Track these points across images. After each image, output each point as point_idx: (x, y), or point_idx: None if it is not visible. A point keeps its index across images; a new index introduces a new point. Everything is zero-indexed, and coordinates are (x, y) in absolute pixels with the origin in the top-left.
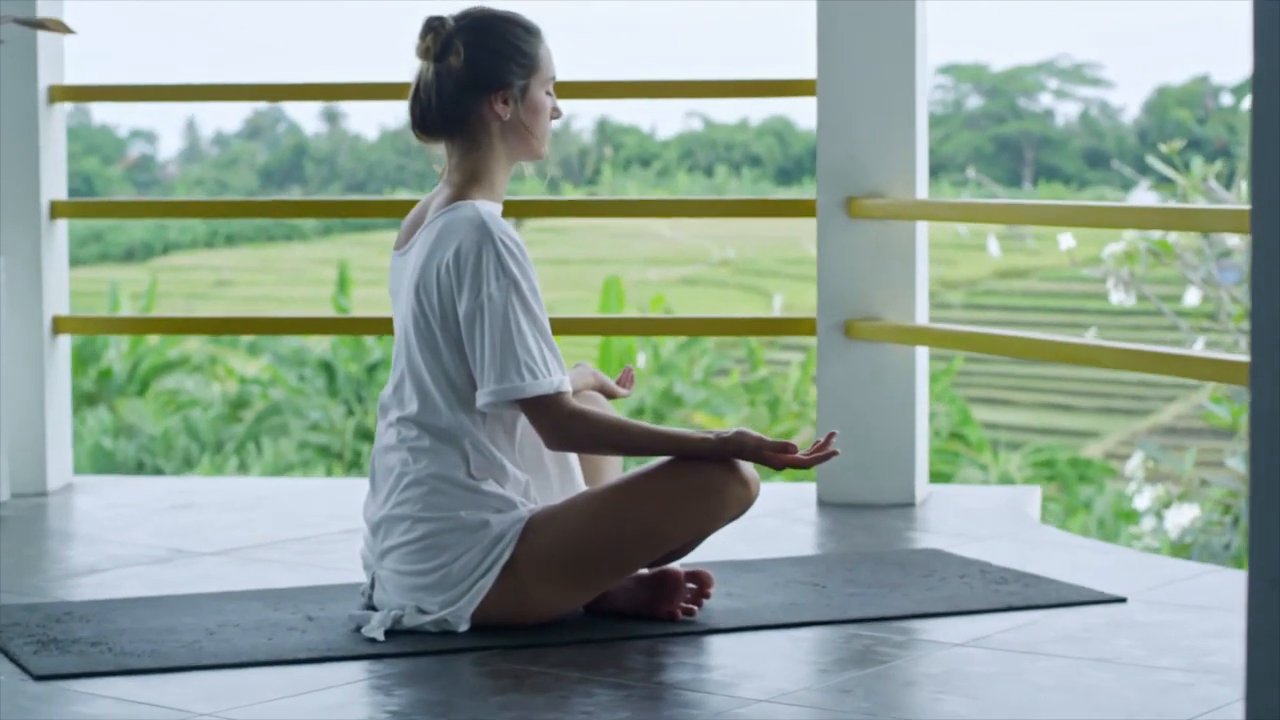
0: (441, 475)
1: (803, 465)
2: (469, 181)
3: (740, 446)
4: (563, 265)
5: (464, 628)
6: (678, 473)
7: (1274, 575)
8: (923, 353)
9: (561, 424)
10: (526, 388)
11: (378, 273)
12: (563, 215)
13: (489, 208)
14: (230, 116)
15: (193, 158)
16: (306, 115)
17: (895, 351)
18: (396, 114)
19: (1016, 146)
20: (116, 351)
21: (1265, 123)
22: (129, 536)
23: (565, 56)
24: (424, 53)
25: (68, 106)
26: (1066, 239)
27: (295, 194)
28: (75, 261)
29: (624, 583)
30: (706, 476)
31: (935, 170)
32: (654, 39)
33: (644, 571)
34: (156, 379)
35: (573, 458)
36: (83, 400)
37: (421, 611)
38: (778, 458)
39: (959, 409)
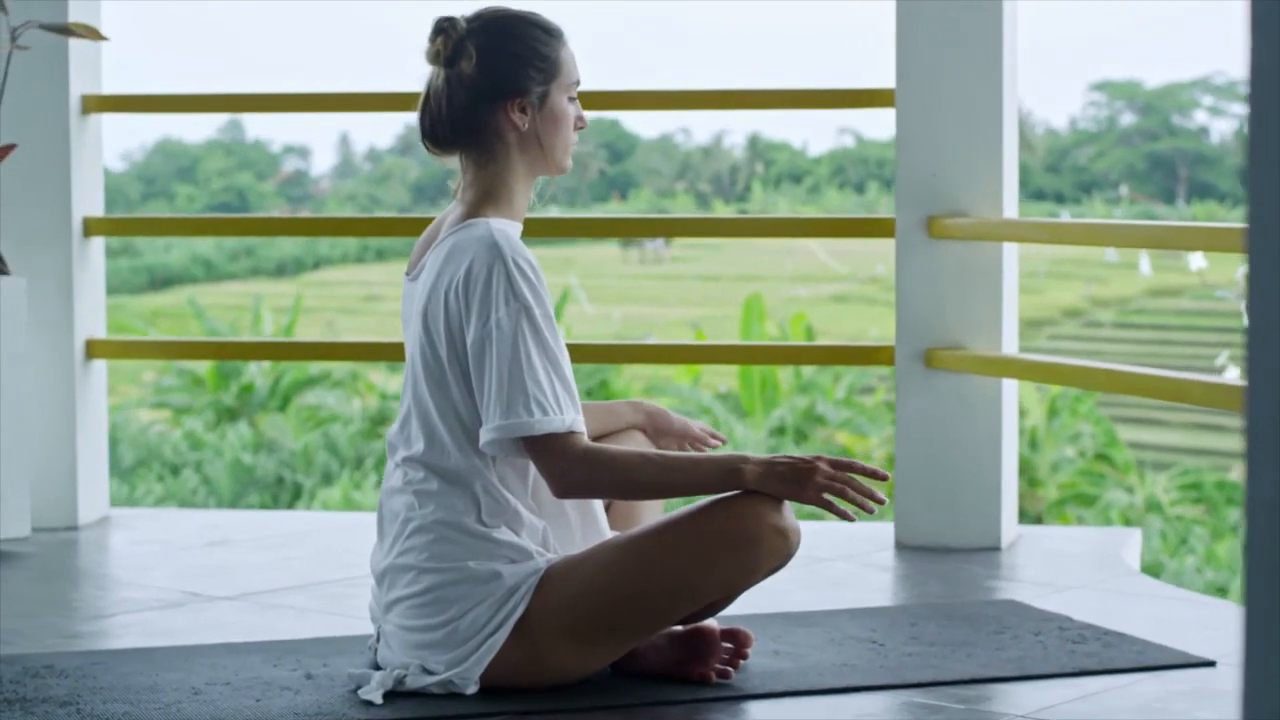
0: (449, 522)
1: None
2: (484, 198)
3: (793, 465)
4: (713, 282)
5: (472, 690)
6: (709, 521)
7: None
8: (1010, 385)
9: (569, 467)
10: (535, 424)
11: None
12: (593, 236)
13: (503, 226)
14: (383, 132)
15: (346, 173)
16: None
17: (980, 383)
18: None
19: (1170, 164)
20: (258, 367)
21: (1265, 124)
22: (147, 577)
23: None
24: (434, 57)
25: (105, 117)
26: (1197, 259)
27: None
28: (226, 276)
29: (654, 640)
30: (741, 525)
31: (1088, 187)
32: (763, 47)
33: (676, 628)
34: (298, 394)
35: (597, 502)
36: (224, 415)
37: (426, 671)
38: (834, 462)
39: (1104, 430)
